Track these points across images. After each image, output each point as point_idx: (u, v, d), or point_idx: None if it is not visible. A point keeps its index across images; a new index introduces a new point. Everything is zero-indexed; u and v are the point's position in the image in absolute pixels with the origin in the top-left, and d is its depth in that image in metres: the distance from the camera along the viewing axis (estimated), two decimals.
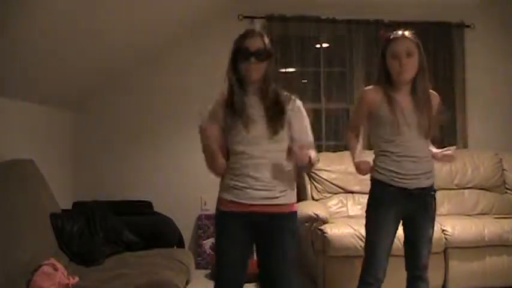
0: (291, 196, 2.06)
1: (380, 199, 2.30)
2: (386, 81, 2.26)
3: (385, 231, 2.27)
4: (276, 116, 1.99)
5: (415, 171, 2.22)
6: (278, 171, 1.99)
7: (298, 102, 2.09)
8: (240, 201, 1.99)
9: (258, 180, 1.97)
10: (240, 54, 1.99)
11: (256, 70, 1.98)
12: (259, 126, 1.98)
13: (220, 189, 2.09)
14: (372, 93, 2.29)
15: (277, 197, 2.00)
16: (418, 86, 2.23)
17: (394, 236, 2.30)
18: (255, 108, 2.00)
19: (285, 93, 2.08)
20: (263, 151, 1.98)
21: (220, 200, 2.07)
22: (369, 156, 2.35)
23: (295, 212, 2.08)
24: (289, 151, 1.89)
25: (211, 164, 2.01)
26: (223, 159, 2.01)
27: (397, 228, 2.31)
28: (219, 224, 2.08)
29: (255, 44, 1.98)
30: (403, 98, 2.24)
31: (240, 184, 1.99)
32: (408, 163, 2.21)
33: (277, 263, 2.01)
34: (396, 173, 2.22)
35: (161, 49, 4.07)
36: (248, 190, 1.98)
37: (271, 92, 2.01)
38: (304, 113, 2.09)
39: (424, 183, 2.24)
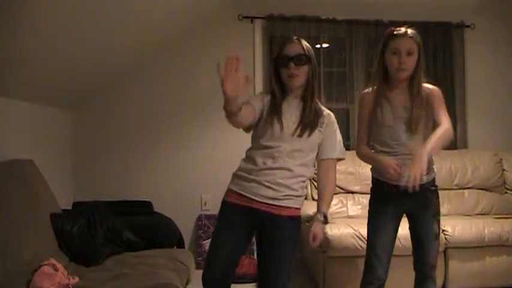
0: (296, 201, 2.04)
1: (375, 197, 2.35)
2: (384, 76, 2.28)
3: (381, 229, 2.28)
4: (308, 127, 2.00)
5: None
6: (291, 177, 1.99)
7: (332, 117, 2.09)
8: (245, 194, 1.99)
9: (269, 176, 1.96)
10: (279, 61, 2.00)
11: (296, 76, 1.98)
12: (291, 129, 1.99)
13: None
14: (369, 95, 2.32)
15: (281, 199, 1.99)
16: (415, 85, 2.23)
17: (395, 235, 2.30)
18: (292, 115, 2.01)
19: (322, 108, 2.09)
20: (287, 154, 1.97)
21: (226, 191, 2.08)
22: None
23: (298, 217, 2.07)
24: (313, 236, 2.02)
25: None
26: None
27: (397, 227, 2.31)
28: (221, 214, 2.08)
29: (293, 49, 1.99)
30: (398, 96, 2.25)
31: (249, 176, 1.99)
32: (396, 160, 2.21)
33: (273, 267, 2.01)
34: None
35: (161, 50, 4.06)
36: (254, 184, 1.97)
37: (312, 105, 2.02)
38: (335, 127, 2.09)
39: None
